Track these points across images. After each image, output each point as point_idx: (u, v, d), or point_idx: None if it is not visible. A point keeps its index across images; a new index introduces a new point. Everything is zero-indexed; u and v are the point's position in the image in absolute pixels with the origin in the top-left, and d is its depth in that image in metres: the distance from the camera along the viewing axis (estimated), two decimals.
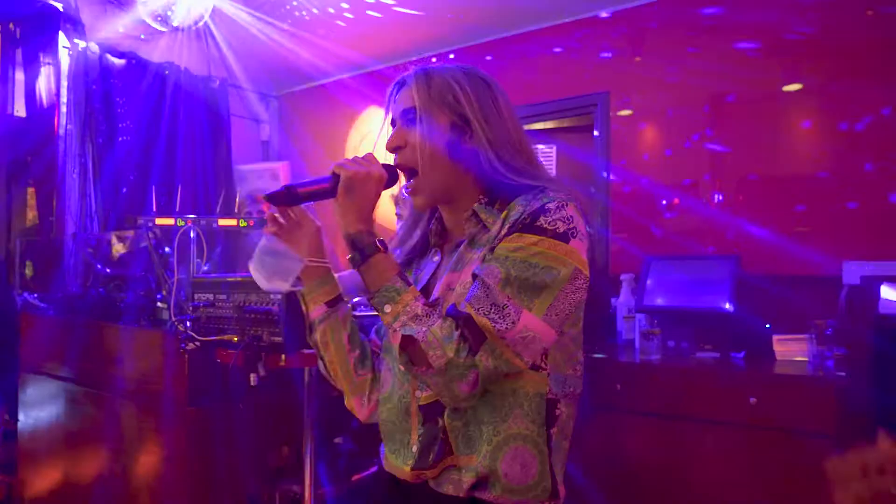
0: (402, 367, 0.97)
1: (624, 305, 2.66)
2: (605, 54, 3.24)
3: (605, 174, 3.19)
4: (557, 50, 3.42)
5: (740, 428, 2.01)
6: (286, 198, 1.03)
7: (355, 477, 2.23)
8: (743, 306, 2.36)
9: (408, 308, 0.96)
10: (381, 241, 1.02)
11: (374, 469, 2.28)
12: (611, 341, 2.73)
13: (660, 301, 2.48)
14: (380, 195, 1.06)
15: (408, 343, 0.95)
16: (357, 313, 1.77)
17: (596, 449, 2.22)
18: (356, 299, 1.93)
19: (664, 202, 3.02)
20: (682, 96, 2.98)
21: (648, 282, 2.55)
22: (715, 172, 2.89)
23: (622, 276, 2.71)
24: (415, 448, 1.06)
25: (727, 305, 2.33)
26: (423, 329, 0.94)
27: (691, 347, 2.45)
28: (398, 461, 1.09)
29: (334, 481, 2.17)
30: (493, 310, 0.93)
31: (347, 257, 1.03)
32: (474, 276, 0.98)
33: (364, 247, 1.00)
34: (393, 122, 1.13)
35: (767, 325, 2.34)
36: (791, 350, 2.21)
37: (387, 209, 2.91)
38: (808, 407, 1.89)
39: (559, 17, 3.38)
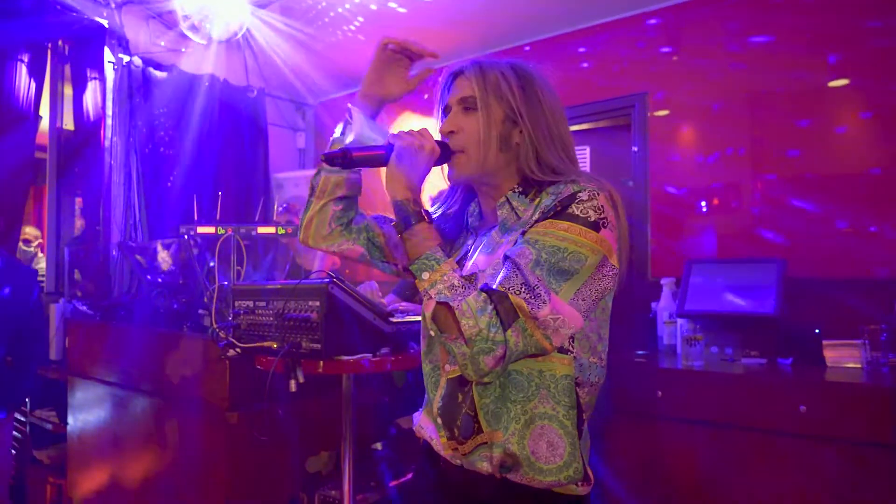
0: (432, 333, 1.01)
1: (665, 310, 2.60)
2: (642, 55, 3.19)
3: (643, 176, 3.13)
4: (593, 52, 3.38)
5: (789, 437, 1.93)
6: (342, 160, 1.07)
7: (393, 483, 2.23)
8: (790, 310, 2.28)
9: (445, 277, 0.99)
10: (427, 212, 1.06)
11: (410, 476, 2.28)
12: (651, 347, 2.67)
13: (702, 306, 2.41)
14: (430, 169, 1.10)
15: (441, 310, 0.98)
16: (395, 319, 1.77)
17: (636, 457, 2.17)
18: (396, 305, 1.94)
19: (704, 203, 2.95)
20: (722, 95, 2.91)
21: (690, 286, 2.49)
22: (757, 173, 2.81)
23: (662, 280, 2.65)
24: (439, 420, 1.10)
25: (773, 310, 2.25)
26: (459, 298, 0.97)
27: (736, 353, 2.38)
28: (428, 422, 1.15)
29: (372, 487, 2.17)
30: (524, 290, 0.96)
31: (392, 223, 1.07)
32: (505, 258, 1.01)
33: (409, 214, 1.04)
34: (446, 109, 1.17)
35: (817, 330, 2.25)
36: (842, 356, 2.13)
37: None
38: (863, 416, 1.81)
39: (594, 19, 3.35)
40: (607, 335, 1.12)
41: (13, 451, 2.67)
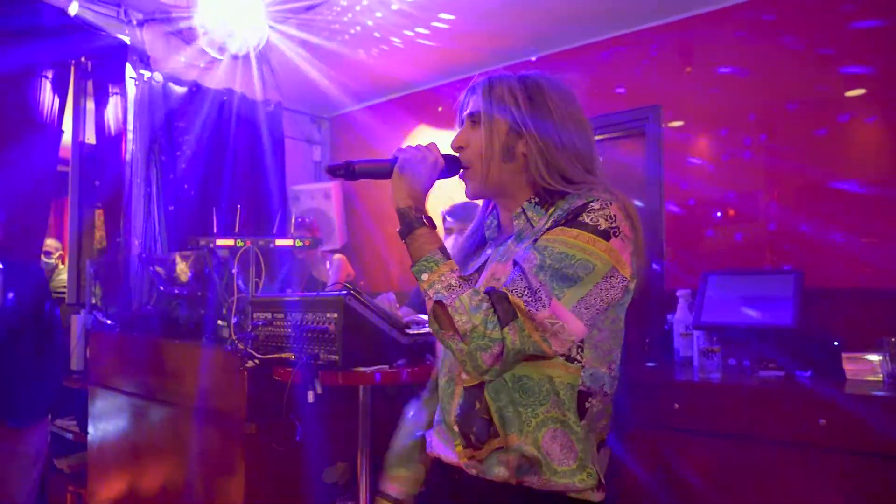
0: (432, 331, 1.05)
1: (681, 322, 2.59)
2: (656, 66, 3.21)
3: (657, 187, 3.13)
4: (606, 63, 3.40)
5: (809, 450, 1.91)
6: (345, 172, 1.12)
7: None
8: (808, 322, 2.26)
9: (443, 277, 1.03)
10: (428, 218, 1.11)
11: (426, 486, 2.28)
12: (667, 359, 2.66)
13: (719, 317, 2.41)
14: (433, 180, 1.14)
15: (438, 308, 1.02)
16: (411, 331, 1.79)
17: (654, 469, 2.15)
18: (412, 317, 1.95)
19: (719, 214, 2.94)
20: (735, 106, 2.91)
21: (706, 297, 2.48)
22: (773, 183, 2.80)
23: (678, 292, 2.64)
24: (455, 428, 1.12)
25: (792, 321, 2.24)
26: (454, 296, 1.00)
27: (754, 366, 2.36)
28: (442, 439, 1.17)
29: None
30: (526, 292, 0.98)
31: (397, 230, 1.11)
32: (514, 263, 1.04)
33: (411, 220, 1.09)
34: (461, 124, 1.21)
35: (836, 343, 2.23)
36: (863, 369, 2.10)
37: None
38: (885, 429, 1.79)
39: (606, 33, 3.37)
40: (620, 346, 1.12)
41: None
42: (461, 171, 1.18)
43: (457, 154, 1.18)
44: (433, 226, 1.11)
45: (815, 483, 1.89)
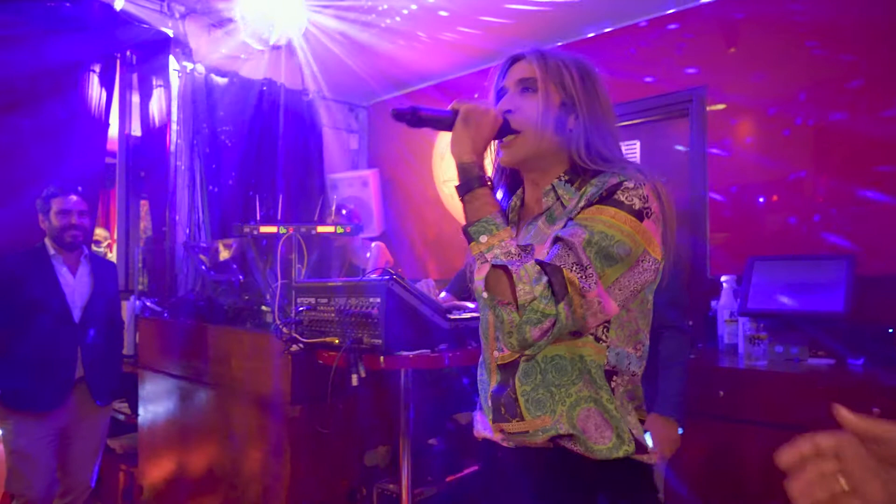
0: (484, 296, 0.99)
1: (725, 308, 2.54)
2: (701, 48, 3.12)
3: (701, 171, 3.06)
4: (651, 44, 3.32)
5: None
6: (411, 118, 1.07)
7: (449, 478, 2.25)
8: (861, 309, 2.19)
9: (503, 243, 0.99)
10: (489, 178, 1.07)
11: (466, 471, 2.30)
12: (711, 346, 2.61)
13: (766, 304, 2.35)
14: (492, 137, 1.09)
15: (497, 274, 0.97)
16: (453, 316, 1.79)
17: (696, 457, 2.13)
18: (453, 303, 1.96)
19: (765, 198, 2.86)
20: (781, 86, 2.82)
21: (753, 283, 2.42)
22: (821, 165, 2.71)
23: (723, 278, 2.58)
24: (489, 403, 1.13)
25: (843, 307, 2.17)
26: (517, 264, 0.96)
27: (802, 353, 2.30)
28: (484, 416, 1.17)
29: (429, 482, 2.19)
30: (576, 268, 0.96)
31: (454, 185, 1.06)
32: (556, 239, 1.00)
33: (472, 178, 1.04)
34: (500, 91, 1.18)
35: (890, 329, 2.16)
36: None
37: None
38: None
39: (647, 14, 3.30)
40: (648, 327, 1.11)
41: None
42: (509, 135, 1.12)
43: (505, 118, 1.13)
44: (493, 187, 1.07)
45: None
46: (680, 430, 1.85)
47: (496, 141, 1.14)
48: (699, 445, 2.13)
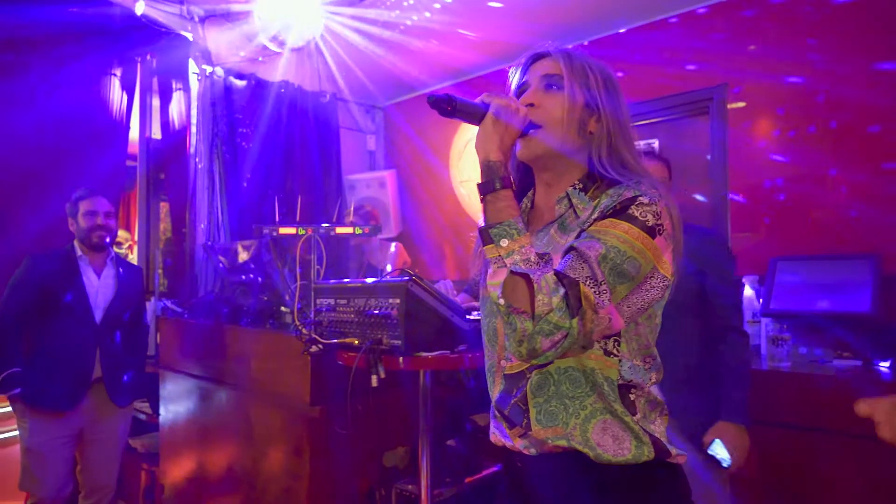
0: (500, 302, 0.96)
1: (747, 309, 2.51)
2: (722, 45, 3.08)
3: (722, 169, 3.02)
4: (672, 42, 3.29)
5: (887, 444, 1.82)
6: (445, 106, 1.05)
7: (468, 479, 2.25)
8: (888, 309, 2.15)
9: (523, 249, 0.97)
10: (512, 180, 1.04)
11: (485, 472, 2.29)
12: None
13: (789, 304, 2.31)
14: (516, 137, 1.07)
15: (516, 281, 0.94)
16: (472, 317, 1.79)
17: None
18: (471, 303, 1.95)
19: (787, 197, 2.82)
20: (804, 82, 2.77)
21: (776, 284, 2.39)
22: (845, 164, 2.66)
23: (745, 278, 2.55)
24: (499, 412, 1.12)
25: (869, 308, 2.13)
26: (538, 273, 0.94)
27: (827, 355, 2.27)
28: (498, 424, 1.15)
29: (447, 483, 2.19)
30: (590, 282, 0.94)
31: (477, 183, 1.04)
32: (570, 248, 0.99)
33: (497, 177, 1.01)
34: (521, 86, 1.16)
35: None
36: None
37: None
38: None
39: (666, 11, 3.26)
40: (655, 340, 1.10)
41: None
42: (531, 130, 1.10)
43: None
44: (515, 189, 1.05)
45: (891, 478, 1.80)
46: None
47: None
48: None
